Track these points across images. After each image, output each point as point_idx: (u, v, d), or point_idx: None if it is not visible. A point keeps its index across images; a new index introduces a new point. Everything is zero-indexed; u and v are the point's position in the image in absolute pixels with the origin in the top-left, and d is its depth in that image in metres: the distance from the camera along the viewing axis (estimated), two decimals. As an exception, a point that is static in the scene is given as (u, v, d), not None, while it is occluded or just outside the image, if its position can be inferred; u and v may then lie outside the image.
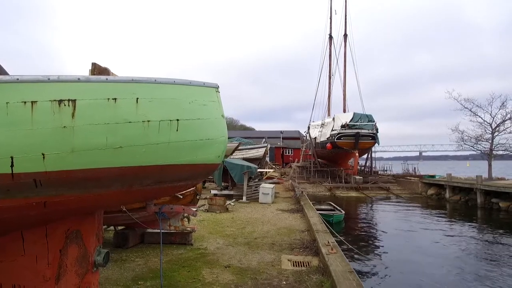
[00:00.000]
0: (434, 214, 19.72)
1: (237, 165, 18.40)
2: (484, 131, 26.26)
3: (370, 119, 31.97)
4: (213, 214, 13.50)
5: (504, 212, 19.70)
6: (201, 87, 4.08)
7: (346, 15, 42.80)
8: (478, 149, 27.01)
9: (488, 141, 26.03)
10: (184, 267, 6.87)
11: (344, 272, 5.83)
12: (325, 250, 7.13)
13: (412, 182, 30.30)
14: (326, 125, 37.03)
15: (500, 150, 26.41)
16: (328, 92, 45.23)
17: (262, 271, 6.73)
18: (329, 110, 44.65)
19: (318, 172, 36.07)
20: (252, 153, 30.10)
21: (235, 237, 9.62)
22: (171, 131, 3.63)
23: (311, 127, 44.06)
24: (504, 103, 25.49)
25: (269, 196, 17.34)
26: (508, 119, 25.20)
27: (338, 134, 31.54)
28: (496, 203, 20.58)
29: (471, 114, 26.87)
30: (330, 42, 45.23)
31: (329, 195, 28.09)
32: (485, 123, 26.18)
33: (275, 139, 61.08)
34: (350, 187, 30.51)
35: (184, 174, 4.07)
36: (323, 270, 6.60)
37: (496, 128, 25.68)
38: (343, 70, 42.98)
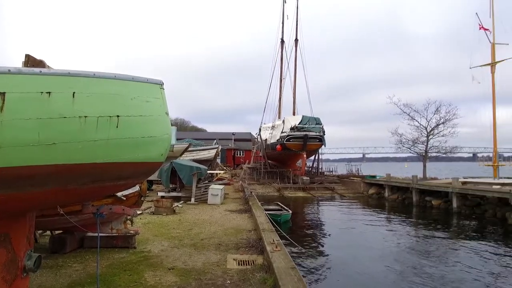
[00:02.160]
0: (374, 212, 20.89)
1: (186, 166, 18.13)
2: (420, 134, 28.35)
3: (318, 122, 33.09)
4: (159, 216, 13.18)
5: (436, 209, 21.39)
6: (144, 83, 4.00)
7: (298, 21, 43.94)
8: (415, 151, 29.07)
9: (423, 144, 28.12)
10: (125, 271, 6.65)
11: (286, 269, 6.00)
12: (269, 248, 7.27)
13: (355, 182, 31.82)
14: (277, 127, 37.71)
15: (434, 152, 28.63)
16: (279, 95, 46.09)
17: (207, 271, 6.71)
18: (279, 113, 45.49)
19: (268, 173, 36.60)
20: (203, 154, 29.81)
21: (181, 239, 9.48)
22: (111, 127, 3.51)
23: (262, 129, 44.60)
24: (438, 109, 27.70)
25: (218, 197, 17.28)
26: (441, 123, 27.40)
27: (287, 136, 32.24)
28: (429, 201, 22.28)
29: (409, 118, 28.85)
30: (282, 46, 46.18)
31: (277, 195, 28.59)
32: (421, 127, 28.26)
33: (227, 140, 60.99)
34: (297, 187, 31.29)
35: (125, 173, 3.96)
36: (267, 268, 6.74)
37: (430, 131, 27.79)
38: (294, 74, 44.04)
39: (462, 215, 18.98)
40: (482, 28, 23.96)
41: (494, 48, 23.84)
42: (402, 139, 29.08)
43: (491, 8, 24.11)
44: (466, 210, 19.52)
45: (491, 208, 18.26)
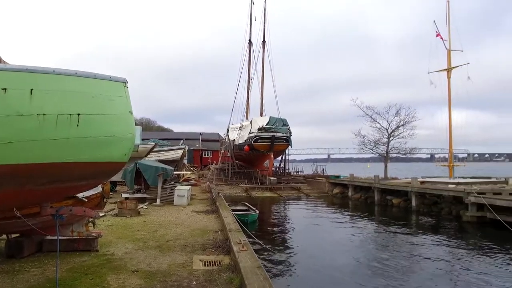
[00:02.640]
0: (339, 211, 21.47)
1: (151, 166, 17.77)
2: (382, 136, 29.45)
3: (285, 123, 33.52)
4: (123, 218, 12.84)
5: (396, 207, 22.30)
6: (107, 81, 3.90)
7: (265, 23, 44.28)
8: (377, 152, 30.15)
9: (384, 145, 29.23)
10: (87, 275, 6.44)
11: (252, 268, 6.05)
12: (236, 248, 7.30)
13: (320, 182, 32.52)
14: (244, 128, 37.81)
15: (394, 153, 29.83)
16: (247, 96, 46.22)
17: (172, 273, 6.64)
18: (247, 114, 45.61)
19: (235, 174, 36.61)
20: (169, 154, 29.35)
21: (146, 241, 9.30)
22: (71, 126, 3.41)
23: (230, 130, 44.54)
24: (399, 111, 28.90)
25: (185, 198, 17.09)
26: (401, 125, 28.60)
27: (255, 136, 32.41)
28: (390, 200, 23.18)
29: (371, 120, 29.88)
30: (250, 47, 46.34)
31: (245, 196, 28.67)
32: (382, 128, 29.36)
33: (194, 141, 60.33)
34: (265, 187, 31.53)
35: (86, 173, 3.85)
36: (233, 268, 6.76)
37: (391, 133, 28.94)
38: (261, 75, 44.33)
39: (421, 213, 19.91)
40: (439, 35, 25.27)
41: (450, 55, 25.23)
42: (365, 141, 30.14)
43: (447, 17, 25.51)
44: (424, 208, 20.49)
45: (447, 206, 19.27)
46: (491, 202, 15.62)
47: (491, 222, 15.56)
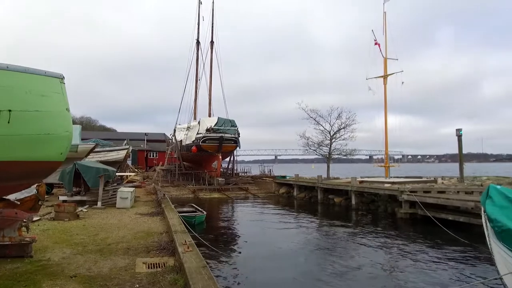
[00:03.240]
0: (284, 210, 22.05)
1: (91, 167, 16.94)
2: (325, 138, 30.72)
3: (233, 124, 33.64)
4: (60, 222, 12.12)
5: (338, 206, 23.40)
6: (42, 76, 3.70)
7: (213, 23, 44.08)
8: (320, 153, 31.37)
9: (327, 146, 30.53)
10: (19, 282, 6.03)
11: (197, 268, 6.06)
12: (181, 249, 7.24)
13: (267, 182, 33.11)
14: (192, 129, 37.31)
15: (336, 154, 31.27)
16: (195, 96, 45.63)
17: (114, 277, 6.43)
18: (195, 114, 45.04)
19: (182, 175, 36.01)
20: (112, 155, 28.14)
21: (85, 245, 8.88)
22: (1, 123, 3.20)
23: (177, 130, 43.70)
24: (340, 115, 30.34)
25: (128, 201, 16.50)
26: (342, 128, 30.06)
27: (203, 137, 32.15)
28: (332, 199, 24.27)
29: (315, 123, 31.05)
30: (198, 47, 45.84)
31: (192, 197, 28.34)
32: (325, 131, 30.63)
33: (139, 141, 58.28)
34: (213, 188, 31.40)
35: (18, 173, 3.62)
36: (178, 269, 6.71)
37: (333, 135, 30.30)
38: (209, 76, 44.05)
39: (360, 211, 21.06)
40: (377, 43, 26.96)
41: (386, 62, 27.03)
42: (309, 142, 31.22)
43: (384, 27, 27.30)
44: (363, 206, 21.72)
45: (383, 204, 20.60)
46: (422, 199, 16.97)
47: (422, 218, 16.89)
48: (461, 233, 13.11)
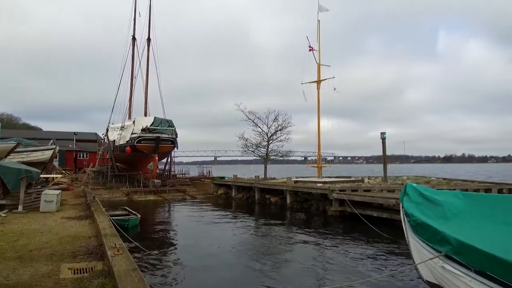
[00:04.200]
0: (222, 211, 22.18)
1: (12, 168, 15.55)
2: (262, 139, 31.37)
3: (170, 124, 32.95)
4: (-27, 229, 10.99)
5: (274, 205, 24.12)
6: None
7: (150, 19, 42.75)
8: (258, 154, 32.01)
9: (265, 148, 31.22)
10: None
11: (127, 271, 5.94)
12: (110, 253, 7.03)
13: (205, 183, 32.98)
14: (126, 128, 35.82)
15: (273, 155, 32.16)
16: (130, 94, 43.83)
17: (35, 284, 6.05)
18: (130, 113, 43.25)
19: (115, 177, 34.46)
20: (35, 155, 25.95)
21: (3, 252, 8.18)
22: None
23: (110, 130, 41.63)
24: (277, 117, 31.24)
25: (53, 204, 15.41)
26: (279, 130, 31.01)
27: (138, 137, 31.06)
28: (268, 198, 24.96)
29: (253, 124, 31.61)
30: (134, 43, 44.10)
31: (126, 200, 27.27)
32: (263, 132, 31.33)
33: (67, 141, 54.46)
34: (148, 191, 30.47)
35: None
36: (107, 273, 6.50)
37: (271, 137, 31.11)
38: (146, 73, 42.60)
39: (294, 209, 21.93)
40: (311, 50, 28.29)
41: (319, 68, 28.50)
42: (248, 143, 31.68)
43: (318, 35, 28.74)
44: (297, 205, 22.63)
45: (316, 202, 21.65)
46: (350, 198, 18.18)
47: (350, 215, 18.07)
48: (384, 228, 14.27)
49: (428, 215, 7.22)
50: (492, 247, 5.37)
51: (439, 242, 6.42)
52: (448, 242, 6.18)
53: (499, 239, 5.66)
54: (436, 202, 7.44)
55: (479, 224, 6.37)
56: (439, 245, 6.41)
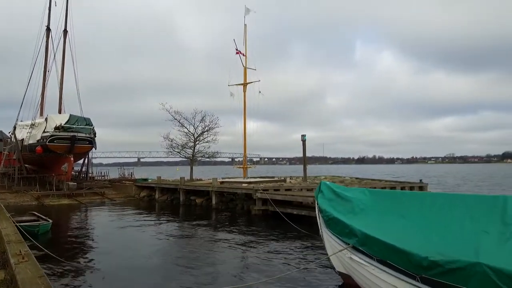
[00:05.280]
0: (145, 214, 21.45)
1: None
2: (189, 140, 30.95)
3: (88, 123, 30.88)
4: None
5: (199, 206, 24.01)
6: None
7: (68, 11, 39.50)
8: (184, 155, 31.51)
9: (191, 149, 30.85)
10: None
11: (33, 278, 5.51)
12: (14, 260, 6.43)
13: (127, 186, 31.52)
14: (37, 126, 32.64)
15: (199, 156, 31.94)
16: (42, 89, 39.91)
17: None
18: (42, 110, 39.44)
19: (24, 180, 31.26)
20: None
21: None
22: None
23: (18, 128, 37.59)
24: (204, 118, 31.06)
25: None
26: (206, 131, 30.88)
27: (51, 136, 28.57)
28: (193, 200, 24.78)
29: (179, 125, 31.03)
30: (48, 34, 40.34)
31: (36, 204, 24.94)
32: (189, 133, 30.92)
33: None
34: (62, 194, 28.19)
35: None
36: (9, 282, 5.96)
37: (197, 138, 30.85)
38: (61, 68, 39.25)
39: (220, 210, 22.08)
40: (238, 53, 28.75)
41: (245, 71, 29.08)
42: (173, 144, 31.00)
43: (244, 38, 29.34)
44: (222, 206, 22.82)
45: (241, 202, 22.05)
46: (272, 197, 18.88)
47: (272, 214, 18.76)
48: (303, 225, 15.09)
49: (339, 210, 7.89)
50: (391, 238, 6.08)
51: (347, 235, 7.07)
52: (355, 234, 6.83)
53: (397, 230, 6.42)
54: (346, 198, 8.16)
55: (381, 217, 7.13)
56: (347, 237, 7.05)
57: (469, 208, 6.01)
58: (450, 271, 4.83)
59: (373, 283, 6.42)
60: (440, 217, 6.22)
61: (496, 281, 4.34)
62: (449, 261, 4.88)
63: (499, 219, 5.44)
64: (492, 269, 4.42)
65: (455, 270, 4.78)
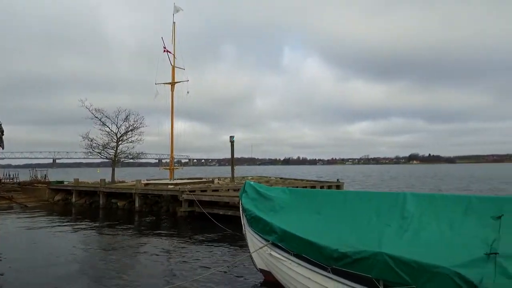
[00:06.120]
0: (60, 219, 19.83)
1: None
2: (111, 140, 29.31)
3: (-7, 120, 27.63)
4: None
5: (121, 210, 22.92)
6: None
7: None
8: (105, 156, 29.74)
9: (113, 149, 29.24)
10: None
11: None
12: None
13: (40, 189, 28.84)
14: None
15: (123, 157, 30.43)
16: None
17: None
18: None
19: None
20: None
21: None
22: None
23: None
24: (128, 117, 29.67)
25: None
26: (130, 130, 29.52)
27: None
28: (115, 203, 23.59)
29: (101, 123, 29.23)
30: None
31: None
32: (112, 132, 29.28)
33: None
34: (-42, 200, 24.82)
35: None
36: None
37: (120, 137, 29.35)
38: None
39: (143, 213, 21.32)
40: (166, 51, 28.04)
41: (174, 70, 28.44)
42: (93, 144, 29.09)
43: (173, 36, 28.71)
44: (146, 208, 22.07)
45: (166, 204, 21.55)
46: (199, 198, 18.79)
47: (199, 215, 18.66)
48: (230, 225, 15.28)
49: (261, 209, 8.21)
50: (306, 233, 6.51)
51: (268, 232, 7.39)
52: (274, 231, 7.17)
53: (312, 226, 6.89)
54: (268, 197, 8.52)
55: (299, 214, 7.59)
56: (268, 235, 7.37)
57: (375, 204, 6.67)
58: (356, 261, 5.33)
59: (290, 277, 6.80)
60: (351, 212, 6.82)
61: (394, 268, 4.89)
62: (355, 252, 5.38)
63: (399, 214, 6.13)
64: (391, 257, 4.97)
65: (361, 260, 5.28)
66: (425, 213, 5.93)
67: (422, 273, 4.58)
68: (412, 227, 5.73)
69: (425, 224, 5.74)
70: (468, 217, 5.53)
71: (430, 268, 4.53)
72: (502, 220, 5.07)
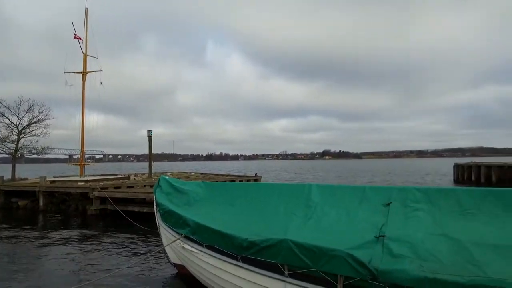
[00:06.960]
0: None
1: None
2: (11, 133, 26.29)
3: None
4: None
5: (23, 209, 20.83)
6: None
7: None
8: (4, 150, 26.58)
9: (14, 143, 26.27)
10: None
11: None
12: None
13: None
14: None
15: (25, 151, 27.49)
16: None
17: None
18: None
19: None
20: None
21: None
22: None
23: None
24: (32, 107, 26.87)
25: None
26: (34, 122, 26.78)
27: None
28: (15, 202, 21.34)
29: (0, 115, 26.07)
30: None
31: None
32: (12, 124, 26.28)
33: None
34: None
35: None
36: None
37: (22, 130, 26.47)
38: None
39: (49, 212, 19.64)
40: (77, 38, 25.92)
41: (85, 59, 26.38)
42: (-11, 137, 25.78)
43: (85, 22, 26.65)
44: (52, 207, 20.37)
45: (75, 202, 20.09)
46: (112, 195, 17.90)
47: (111, 213, 17.81)
48: (146, 222, 14.79)
49: (175, 203, 8.18)
50: (218, 224, 6.68)
51: (181, 225, 7.41)
52: (187, 224, 7.22)
53: (225, 218, 7.09)
54: (183, 191, 8.52)
55: (213, 207, 7.75)
56: (181, 228, 7.40)
57: (283, 195, 7.10)
58: (264, 248, 5.64)
59: (202, 269, 6.93)
60: (261, 203, 7.17)
61: (297, 253, 5.29)
62: (263, 240, 5.70)
63: (304, 203, 6.61)
64: (295, 244, 5.37)
65: (268, 247, 5.61)
66: (327, 202, 6.49)
67: (321, 257, 5.04)
68: (315, 215, 6.24)
69: (327, 212, 6.29)
70: (362, 204, 6.19)
71: (327, 252, 5.00)
72: (391, 207, 5.80)
